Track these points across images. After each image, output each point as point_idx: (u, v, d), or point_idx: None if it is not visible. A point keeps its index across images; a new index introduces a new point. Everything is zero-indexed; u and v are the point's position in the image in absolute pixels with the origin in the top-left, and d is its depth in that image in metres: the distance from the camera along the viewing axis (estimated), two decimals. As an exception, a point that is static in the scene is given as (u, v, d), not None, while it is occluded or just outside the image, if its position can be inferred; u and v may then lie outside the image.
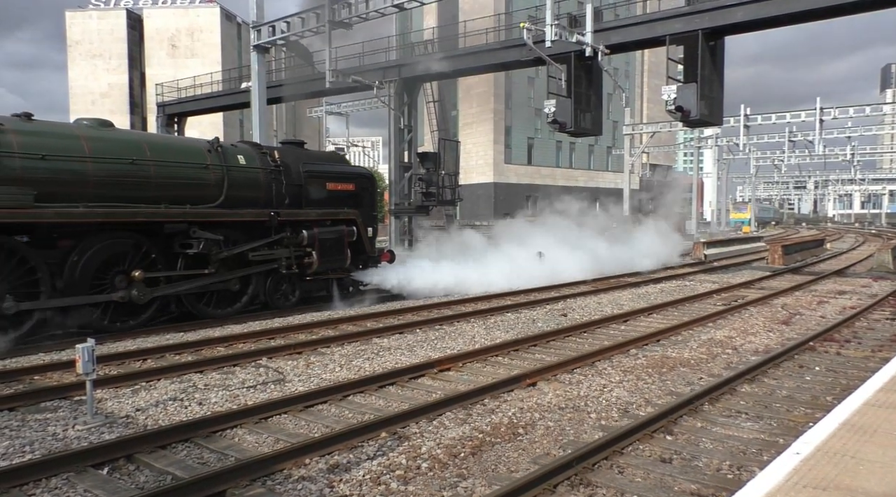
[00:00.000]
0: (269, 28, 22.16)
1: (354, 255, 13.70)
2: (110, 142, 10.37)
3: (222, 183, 11.45)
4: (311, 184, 13.09)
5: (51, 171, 9.41)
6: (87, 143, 9.95)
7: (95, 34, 63.26)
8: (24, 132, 9.37)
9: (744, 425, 5.90)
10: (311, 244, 12.57)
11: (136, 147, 10.59)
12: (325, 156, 14.85)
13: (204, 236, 10.80)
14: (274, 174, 12.40)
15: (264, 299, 12.28)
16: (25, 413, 6.19)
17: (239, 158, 11.99)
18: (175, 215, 10.58)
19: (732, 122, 38.26)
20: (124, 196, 10.15)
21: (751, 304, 12.98)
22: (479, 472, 4.82)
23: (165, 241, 10.69)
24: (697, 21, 17.12)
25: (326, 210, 13.19)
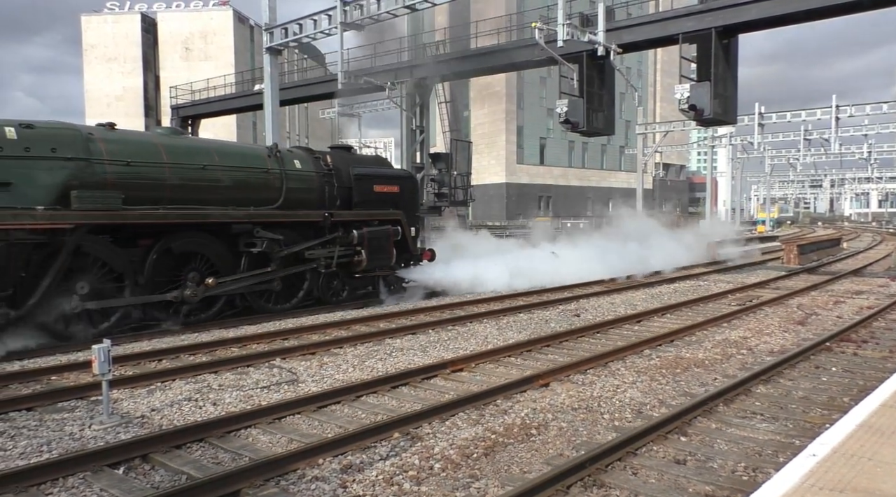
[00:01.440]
0: (282, 30, 22.28)
1: (399, 254, 14.19)
2: (184, 149, 11.20)
3: (281, 186, 12.14)
4: (360, 186, 13.67)
5: (135, 176, 10.17)
6: (164, 150, 10.74)
7: (110, 38, 63.90)
8: (109, 140, 10.11)
9: (759, 426, 5.85)
10: (361, 243, 13.12)
11: (207, 153, 11.38)
12: (371, 159, 15.46)
13: (267, 236, 11.48)
14: (326, 177, 13.06)
15: (317, 295, 12.84)
16: (43, 413, 6.27)
17: (295, 163, 12.67)
18: (242, 217, 11.29)
19: (747, 121, 37.95)
20: (196, 199, 10.88)
21: (766, 305, 12.87)
22: (491, 473, 4.82)
23: (232, 241, 11.33)
24: (710, 19, 17.00)
25: (374, 211, 13.76)
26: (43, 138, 9.33)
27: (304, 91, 31.31)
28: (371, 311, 12.26)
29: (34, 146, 9.19)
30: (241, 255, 11.47)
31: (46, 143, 9.33)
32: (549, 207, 60.36)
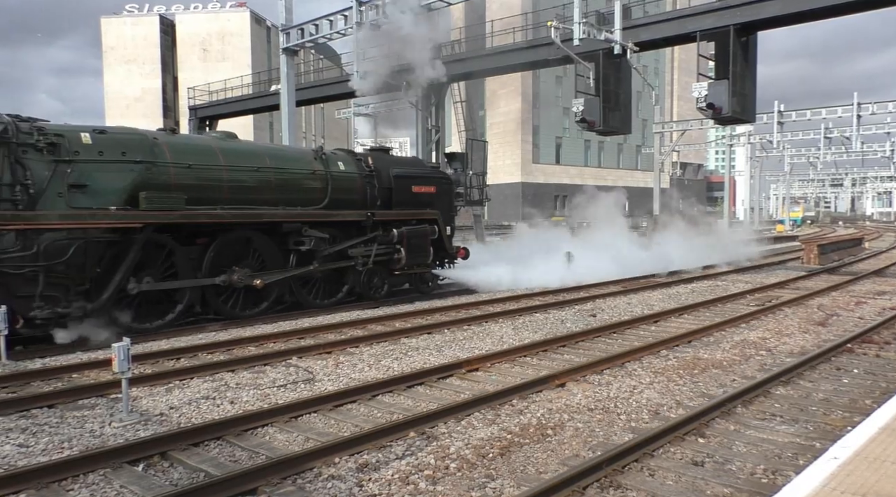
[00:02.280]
0: (298, 31, 22.41)
1: (435, 252, 14.66)
2: (238, 152, 11.80)
3: (326, 187, 12.67)
4: (399, 186, 14.14)
5: (196, 179, 10.73)
6: (220, 153, 11.33)
7: (130, 40, 64.61)
8: (172, 144, 10.74)
9: (778, 429, 5.78)
10: (400, 242, 13.63)
11: (259, 156, 12.03)
12: (409, 161, 15.98)
13: (314, 235, 12.03)
14: (368, 178, 13.57)
15: (359, 291, 13.30)
16: (64, 410, 6.35)
17: (339, 165, 13.20)
18: (292, 216, 11.89)
19: (766, 119, 37.53)
20: (249, 199, 11.48)
21: (785, 305, 12.72)
22: (507, 473, 4.80)
23: (281, 239, 11.91)
24: (729, 16, 16.83)
25: (412, 210, 14.26)
26: (114, 143, 9.93)
27: (321, 91, 31.47)
28: (386, 311, 12.28)
29: (106, 150, 9.76)
30: (289, 253, 12.03)
31: (117, 147, 9.92)
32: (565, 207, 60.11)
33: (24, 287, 8.85)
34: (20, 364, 8.19)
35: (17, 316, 8.83)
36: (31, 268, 8.84)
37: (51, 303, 9.05)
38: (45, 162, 9.17)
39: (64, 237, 9.03)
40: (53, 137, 9.28)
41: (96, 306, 9.46)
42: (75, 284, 9.29)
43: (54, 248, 8.95)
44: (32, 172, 9.03)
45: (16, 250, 8.71)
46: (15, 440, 5.47)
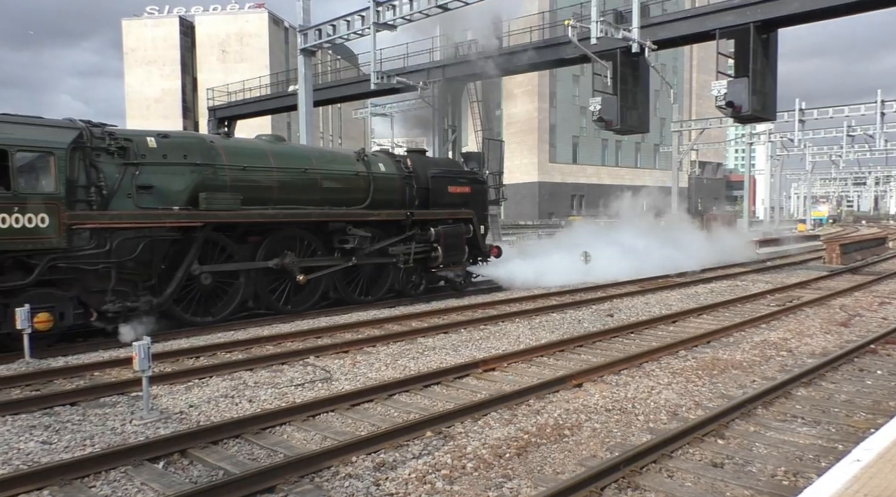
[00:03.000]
0: (316, 32, 22.51)
1: (469, 250, 15.10)
2: (287, 154, 12.38)
3: (368, 187, 13.15)
4: (436, 187, 14.57)
5: (249, 180, 11.28)
6: (272, 155, 11.88)
7: (150, 41, 65.34)
8: (228, 147, 11.35)
9: (800, 430, 5.71)
10: (437, 240, 14.05)
11: (306, 158, 12.55)
12: (444, 162, 16.37)
13: (358, 234, 12.52)
14: (407, 179, 14.05)
15: (398, 288, 13.75)
16: (86, 408, 6.44)
17: (380, 166, 13.70)
18: (338, 216, 12.42)
19: (787, 117, 37.09)
20: (298, 199, 11.97)
21: (807, 305, 12.55)
22: (524, 473, 4.79)
23: (327, 237, 12.45)
24: (749, 14, 16.66)
25: (449, 210, 14.66)
26: (176, 147, 10.51)
27: (338, 92, 31.61)
28: (403, 311, 12.31)
29: (169, 154, 10.35)
30: (333, 250, 12.54)
31: (179, 150, 10.50)
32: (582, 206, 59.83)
33: (97, 283, 9.44)
34: (43, 362, 8.32)
35: (91, 310, 9.40)
36: (104, 264, 9.42)
37: (121, 297, 9.64)
38: (116, 165, 9.73)
39: (133, 235, 9.66)
40: (123, 141, 9.86)
41: (161, 300, 10.05)
42: (142, 280, 9.93)
43: (125, 245, 9.57)
44: (104, 175, 9.58)
45: (91, 248, 9.28)
46: (38, 437, 5.55)
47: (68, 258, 9.08)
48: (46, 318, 8.69)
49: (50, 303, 8.84)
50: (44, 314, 8.67)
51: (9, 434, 5.62)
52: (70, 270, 9.15)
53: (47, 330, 8.77)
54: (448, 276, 14.57)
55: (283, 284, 11.81)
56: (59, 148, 9.07)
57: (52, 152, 9.00)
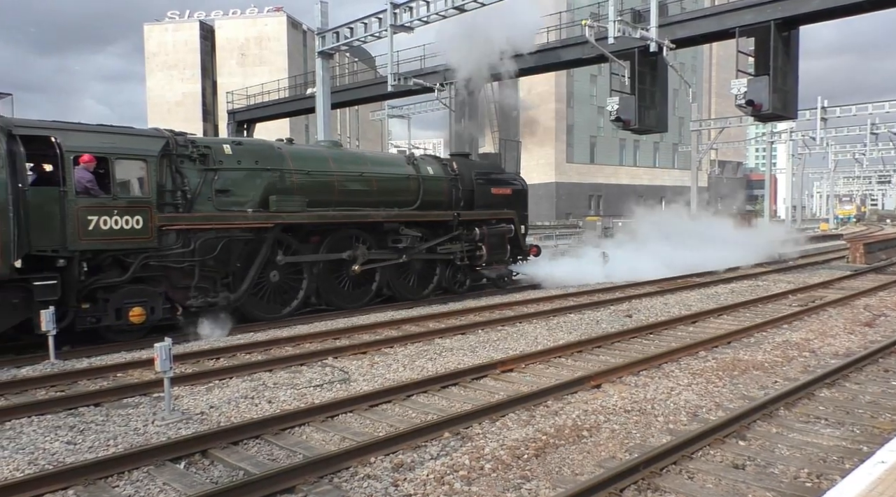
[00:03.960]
0: (333, 34, 22.65)
1: (511, 249, 15.67)
2: (345, 158, 13.26)
3: (418, 189, 13.87)
4: (480, 189, 15.23)
5: (313, 184, 11.98)
6: (332, 160, 12.67)
7: (171, 46, 66.07)
8: (293, 153, 12.07)
9: (823, 432, 5.63)
10: (482, 240, 14.67)
11: (363, 162, 13.41)
12: (487, 165, 16.82)
13: (410, 234, 13.27)
14: (453, 181, 14.73)
15: (445, 285, 14.47)
16: (110, 408, 6.53)
17: (428, 169, 14.42)
18: (393, 216, 13.14)
19: (808, 116, 36.59)
20: (355, 201, 12.70)
21: (830, 305, 12.37)
22: (542, 474, 4.78)
23: (381, 237, 13.12)
24: (770, 11, 16.46)
25: (492, 211, 15.30)
26: (249, 153, 11.28)
27: (355, 94, 31.73)
28: (420, 312, 12.33)
29: (243, 159, 11.09)
30: (387, 249, 13.19)
31: (252, 156, 11.25)
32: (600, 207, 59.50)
33: (182, 280, 10.20)
34: (68, 363, 8.46)
35: (176, 305, 10.15)
36: (189, 262, 10.18)
37: (202, 293, 10.38)
38: (197, 170, 10.48)
39: (214, 236, 10.44)
40: (203, 149, 10.61)
41: (237, 296, 10.77)
42: (220, 277, 10.66)
43: (206, 245, 10.34)
44: (188, 180, 10.35)
45: (177, 247, 10.06)
46: (64, 437, 5.64)
47: (158, 257, 9.85)
48: (140, 313, 9.54)
49: (142, 298, 9.66)
50: (138, 309, 9.53)
51: (35, 434, 5.71)
52: (159, 268, 9.92)
53: (140, 323, 9.60)
54: (491, 275, 15.14)
55: (342, 282, 12.54)
56: (151, 156, 9.81)
57: (145, 160, 9.74)
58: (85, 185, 9.17)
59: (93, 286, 9.26)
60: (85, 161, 9.17)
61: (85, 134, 9.43)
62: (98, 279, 9.33)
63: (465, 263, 14.55)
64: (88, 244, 9.08)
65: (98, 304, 9.31)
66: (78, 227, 8.97)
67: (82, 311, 9.19)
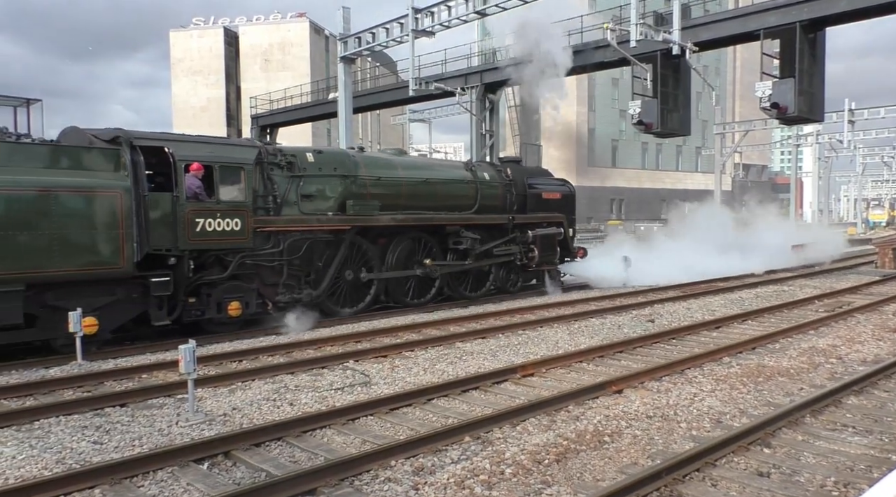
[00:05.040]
0: (356, 39, 22.81)
1: (560, 251, 16.30)
2: (411, 165, 14.14)
3: (476, 194, 14.64)
4: (532, 193, 15.93)
5: (383, 189, 12.82)
6: (399, 167, 13.51)
7: (196, 52, 67.00)
8: (365, 160, 12.94)
9: (851, 440, 5.53)
10: (534, 242, 15.30)
11: (426, 168, 14.39)
12: (537, 171, 17.68)
13: (470, 236, 13.90)
14: (507, 186, 15.46)
15: (498, 286, 15.11)
16: (135, 409, 6.63)
17: (485, 175, 15.14)
18: (455, 220, 13.89)
19: (835, 118, 36.04)
20: (419, 205, 13.44)
21: (857, 311, 12.15)
22: (563, 480, 4.76)
23: (443, 239, 13.84)
24: (795, 13, 16.25)
25: (543, 214, 15.95)
26: (328, 161, 12.12)
27: (377, 98, 31.90)
28: (441, 315, 12.33)
29: (324, 166, 11.95)
30: (447, 251, 13.96)
31: (331, 164, 12.10)
32: (622, 210, 59.09)
33: (272, 277, 11.07)
34: (94, 364, 8.60)
35: (267, 301, 11.04)
36: (279, 261, 11.03)
37: (289, 290, 11.22)
38: (285, 177, 11.36)
39: (299, 237, 11.28)
40: (290, 157, 11.48)
41: (319, 293, 11.60)
42: (305, 275, 11.50)
43: (294, 245, 11.19)
44: (277, 185, 11.22)
45: (269, 247, 10.91)
46: (90, 437, 5.74)
47: (253, 256, 10.70)
48: (237, 307, 10.46)
49: (239, 293, 10.56)
50: (235, 303, 10.46)
51: (63, 434, 5.82)
52: (252, 266, 10.76)
53: (237, 316, 10.50)
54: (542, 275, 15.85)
55: (408, 282, 13.33)
56: (248, 164, 10.71)
57: (243, 167, 10.60)
58: (194, 190, 10.03)
59: (198, 282, 10.16)
60: (194, 169, 10.05)
61: (191, 144, 10.43)
62: (202, 276, 10.22)
63: (518, 264, 15.17)
64: (196, 244, 9.98)
65: (201, 298, 10.23)
66: (187, 228, 9.83)
67: (189, 304, 10.12)
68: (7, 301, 8.31)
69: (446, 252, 13.95)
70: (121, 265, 9.21)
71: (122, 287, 9.42)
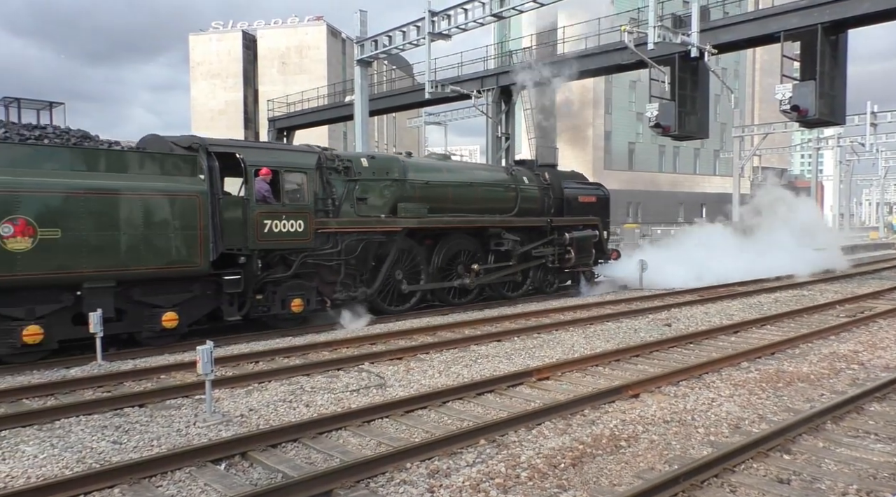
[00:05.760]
0: (372, 43, 22.91)
1: (595, 253, 16.70)
2: (456, 170, 14.64)
3: (516, 197, 15.06)
4: (569, 197, 16.38)
5: (432, 192, 13.34)
6: (446, 171, 14.07)
7: (214, 55, 67.59)
8: (414, 165, 13.49)
9: (873, 447, 5.44)
10: (571, 244, 15.64)
11: (470, 172, 14.87)
12: (572, 175, 17.94)
13: (511, 238, 14.32)
14: (545, 190, 15.90)
15: (537, 286, 15.58)
16: (153, 409, 6.70)
17: (524, 179, 15.55)
18: (496, 223, 14.33)
19: (857, 121, 35.59)
20: (463, 208, 13.93)
21: (880, 317, 11.96)
22: (579, 484, 4.73)
23: (485, 241, 14.25)
24: (816, 15, 16.08)
25: (579, 217, 16.34)
26: (381, 166, 12.75)
27: (393, 101, 32.02)
28: (456, 318, 12.33)
29: (376, 171, 12.56)
30: (488, 252, 14.33)
31: (383, 168, 12.70)
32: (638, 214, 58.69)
33: (330, 276, 11.62)
34: (114, 365, 8.70)
35: (325, 298, 11.59)
36: (336, 261, 11.57)
37: (345, 288, 11.80)
38: (342, 181, 11.96)
39: (355, 238, 11.82)
40: (346, 162, 12.12)
41: (372, 291, 12.16)
42: (359, 274, 12.06)
43: (350, 246, 11.74)
44: (335, 189, 11.80)
45: (328, 248, 11.46)
46: (109, 437, 5.80)
47: (313, 255, 11.24)
48: (300, 303, 11.06)
49: (301, 291, 11.14)
50: (298, 300, 11.05)
51: (83, 433, 5.89)
52: (312, 266, 11.28)
53: (299, 313, 11.11)
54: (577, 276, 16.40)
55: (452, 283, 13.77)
56: (310, 168, 11.30)
57: (306, 172, 11.20)
58: (263, 193, 10.66)
59: (264, 280, 10.73)
60: (263, 173, 10.66)
61: (259, 150, 11.24)
62: (269, 274, 10.79)
63: (554, 266, 15.58)
64: (264, 244, 10.59)
65: (267, 295, 10.80)
66: (257, 229, 10.46)
67: (256, 301, 10.70)
68: (101, 296, 9.00)
69: (488, 253, 14.36)
70: (199, 264, 9.84)
71: (198, 284, 10.06)
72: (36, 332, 8.52)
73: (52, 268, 8.58)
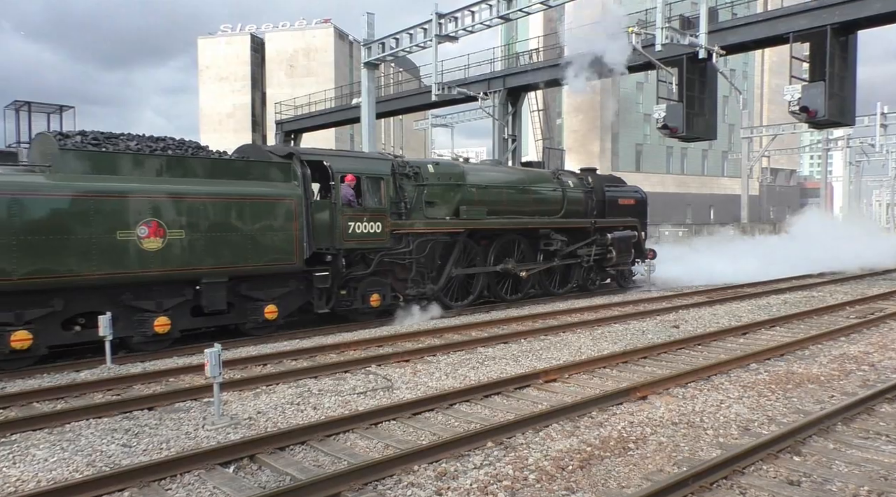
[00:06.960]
0: (379, 45, 22.95)
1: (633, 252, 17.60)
2: (508, 174, 15.74)
3: (563, 200, 15.99)
4: (610, 199, 17.28)
5: (488, 196, 14.28)
6: (500, 176, 15.12)
7: (222, 58, 67.84)
8: (472, 170, 14.62)
9: (884, 449, 5.40)
10: (612, 244, 16.53)
11: (521, 177, 15.69)
12: (612, 178, 18.88)
13: (558, 238, 15.35)
14: (588, 193, 16.85)
15: (580, 283, 16.50)
16: (162, 412, 6.72)
17: (569, 183, 16.46)
18: (545, 224, 15.38)
19: (867, 122, 35.38)
20: (515, 211, 14.87)
21: (891, 318, 11.88)
22: (588, 486, 4.72)
23: (534, 241, 15.25)
24: (826, 16, 15.99)
25: (620, 219, 17.24)
26: (444, 171, 13.75)
27: (399, 103, 32.07)
28: (463, 320, 12.33)
29: (441, 177, 13.58)
30: (537, 252, 15.34)
31: (447, 174, 13.71)
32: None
33: (402, 273, 12.70)
34: (123, 368, 8.74)
35: (398, 293, 12.61)
36: (408, 259, 12.62)
37: (416, 285, 12.88)
38: (412, 186, 13.01)
39: (424, 239, 12.86)
40: (415, 168, 13.18)
41: (438, 288, 13.20)
42: (428, 272, 13.11)
43: (420, 246, 12.79)
44: (406, 193, 12.84)
45: (401, 247, 12.48)
46: (119, 440, 5.83)
47: (389, 255, 12.25)
48: (378, 298, 12.16)
49: (378, 287, 12.23)
50: (376, 295, 12.15)
51: (93, 437, 5.92)
52: (388, 264, 12.33)
53: (377, 307, 12.18)
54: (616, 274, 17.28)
55: (505, 282, 14.80)
56: (387, 175, 12.38)
57: (383, 178, 12.25)
58: (348, 198, 11.65)
59: (347, 277, 11.75)
60: (349, 180, 11.69)
61: (341, 158, 12.19)
62: (351, 272, 11.81)
63: (596, 265, 16.50)
64: (349, 244, 11.60)
65: (349, 291, 11.86)
66: (343, 230, 11.49)
67: (340, 296, 11.69)
68: (216, 291, 10.08)
69: (537, 252, 15.26)
70: (295, 262, 10.87)
71: (293, 280, 11.11)
72: (165, 323, 9.57)
73: (178, 265, 9.62)
